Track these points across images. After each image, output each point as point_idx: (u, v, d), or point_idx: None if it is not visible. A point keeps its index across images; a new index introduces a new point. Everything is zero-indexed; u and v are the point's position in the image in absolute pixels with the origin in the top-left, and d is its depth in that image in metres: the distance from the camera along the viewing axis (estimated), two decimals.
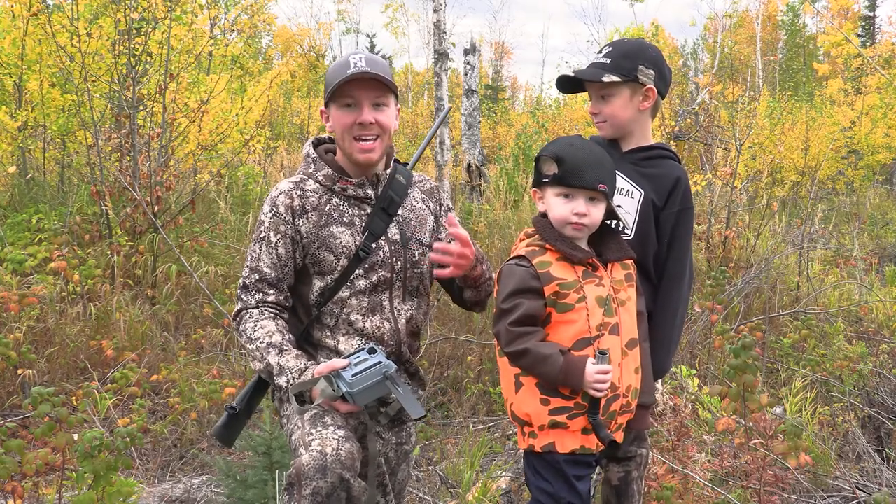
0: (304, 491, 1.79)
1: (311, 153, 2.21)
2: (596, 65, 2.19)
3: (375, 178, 2.17)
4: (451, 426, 4.38)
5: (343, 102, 2.10)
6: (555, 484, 1.98)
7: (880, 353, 4.80)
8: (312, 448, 1.85)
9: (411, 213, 2.22)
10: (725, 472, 3.18)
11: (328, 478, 1.80)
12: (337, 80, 2.07)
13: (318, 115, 13.98)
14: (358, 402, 1.91)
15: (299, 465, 1.83)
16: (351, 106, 2.09)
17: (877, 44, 24.91)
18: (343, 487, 1.82)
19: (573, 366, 1.89)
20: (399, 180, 2.21)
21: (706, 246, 6.67)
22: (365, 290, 2.12)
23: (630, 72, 2.15)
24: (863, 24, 28.67)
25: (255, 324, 2.09)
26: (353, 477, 1.85)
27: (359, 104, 2.09)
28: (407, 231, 2.19)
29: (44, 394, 2.85)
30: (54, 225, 5.81)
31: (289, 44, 29.98)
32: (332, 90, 2.09)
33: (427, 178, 2.36)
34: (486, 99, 24.58)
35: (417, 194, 2.28)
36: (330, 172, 2.15)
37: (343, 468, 1.82)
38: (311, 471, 1.80)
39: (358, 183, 2.15)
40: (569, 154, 1.97)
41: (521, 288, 1.95)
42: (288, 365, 2.01)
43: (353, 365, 1.93)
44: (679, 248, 2.20)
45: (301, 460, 1.84)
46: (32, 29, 6.25)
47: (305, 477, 1.80)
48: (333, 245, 2.10)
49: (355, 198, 2.15)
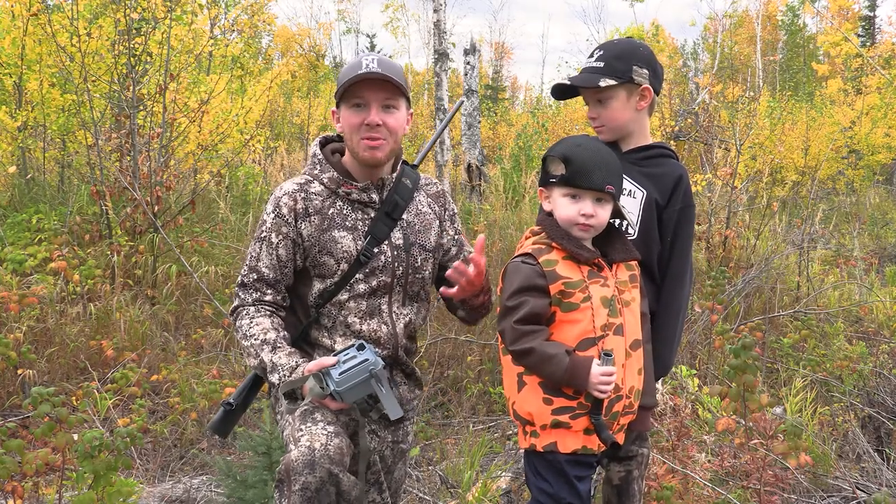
0: (294, 486, 1.80)
1: (318, 154, 2.20)
2: (589, 70, 2.17)
3: (381, 183, 2.16)
4: (451, 426, 4.38)
5: (352, 102, 2.08)
6: (555, 484, 1.98)
7: (880, 353, 4.80)
8: (301, 444, 1.86)
9: (416, 218, 2.21)
10: (725, 472, 3.18)
11: (316, 472, 1.81)
12: (347, 81, 2.06)
13: (317, 115, 14.02)
14: (346, 400, 1.93)
15: (288, 461, 1.84)
16: (360, 106, 2.08)
17: (877, 44, 24.92)
18: (332, 482, 1.83)
19: (578, 366, 1.89)
20: (405, 184, 2.20)
21: (706, 246, 6.66)
22: (364, 293, 2.12)
23: (625, 73, 2.14)
24: (863, 24, 28.68)
25: (251, 321, 2.10)
26: (342, 472, 1.85)
27: (367, 105, 2.07)
28: (410, 236, 2.18)
29: (44, 394, 2.85)
30: (54, 225, 5.81)
31: (289, 44, 29.98)
32: (341, 90, 2.08)
33: (434, 182, 2.35)
34: (486, 99, 24.59)
35: (423, 198, 2.27)
36: (335, 175, 2.14)
37: (331, 463, 1.83)
38: (299, 466, 1.81)
39: (362, 187, 2.14)
40: (576, 155, 1.96)
41: (527, 286, 1.95)
42: (280, 362, 2.02)
43: (342, 362, 1.93)
44: (681, 246, 2.21)
45: (290, 456, 1.85)
46: (32, 29, 6.25)
47: (294, 472, 1.81)
48: (334, 249, 2.10)
49: (359, 202, 2.14)
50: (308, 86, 20.58)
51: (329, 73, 24.60)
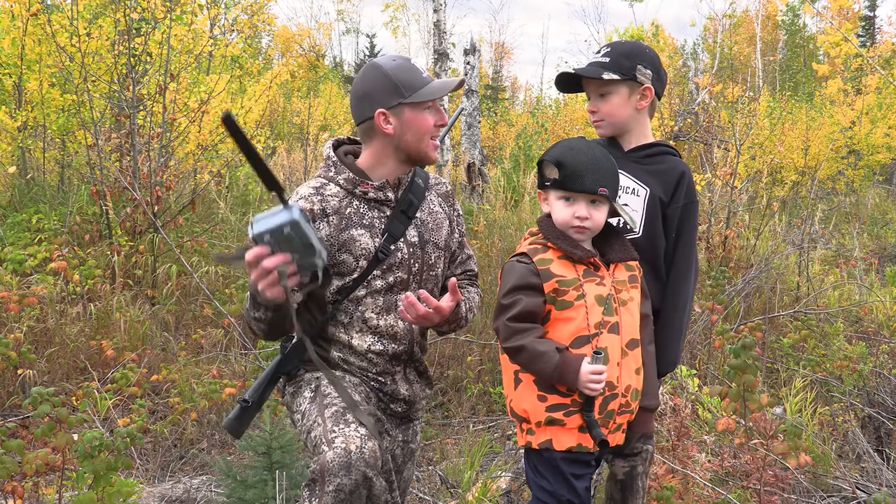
0: (328, 487, 1.80)
1: (332, 156, 2.22)
2: (595, 63, 2.21)
3: (396, 182, 2.19)
4: (451, 426, 4.38)
5: (426, 105, 2.14)
6: (554, 482, 1.98)
7: (880, 353, 4.80)
8: (336, 445, 1.86)
9: (429, 217, 2.25)
10: (725, 472, 3.18)
11: (352, 475, 1.81)
12: (429, 85, 2.11)
13: (317, 116, 13.99)
14: (256, 229, 1.79)
15: (323, 462, 1.83)
16: (431, 108, 2.15)
17: (877, 44, 24.92)
18: (365, 486, 1.83)
19: (568, 364, 1.90)
20: (418, 183, 2.24)
21: (706, 246, 6.67)
22: (381, 289, 2.14)
23: (629, 70, 2.18)
24: (863, 24, 28.70)
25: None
26: (376, 475, 1.86)
27: (434, 107, 2.16)
28: (425, 234, 2.22)
29: (44, 394, 2.85)
30: (54, 225, 5.81)
31: (289, 44, 29.97)
32: (431, 96, 2.11)
33: (444, 182, 2.39)
34: (486, 99, 24.61)
35: (434, 197, 2.31)
36: (351, 176, 2.16)
37: (367, 466, 1.84)
38: (335, 467, 1.81)
39: (379, 186, 2.16)
40: (569, 158, 1.98)
41: (521, 284, 1.97)
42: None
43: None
44: (685, 241, 2.23)
45: (325, 457, 1.84)
46: (32, 29, 6.25)
47: (330, 473, 1.81)
48: (353, 247, 2.12)
49: (375, 200, 2.17)
50: (308, 86, 20.57)
51: (329, 73, 24.61)
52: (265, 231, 1.77)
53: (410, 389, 2.23)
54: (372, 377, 2.17)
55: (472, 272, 2.39)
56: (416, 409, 2.29)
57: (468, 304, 2.27)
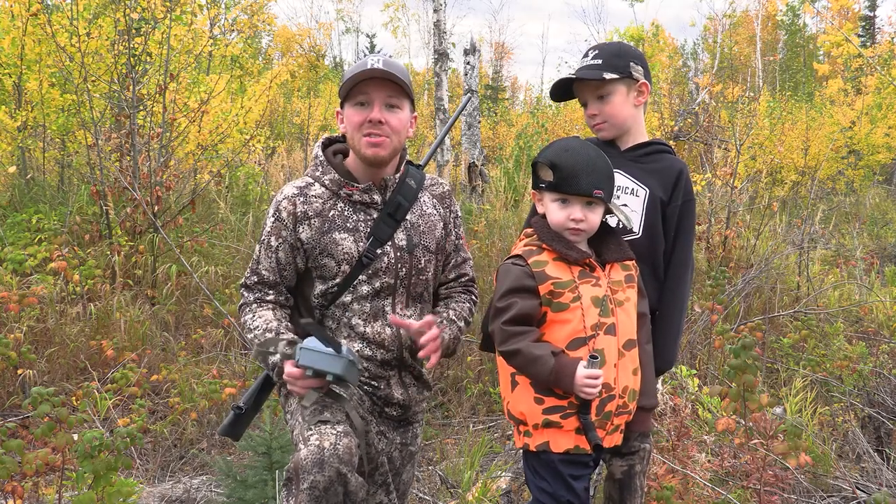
0: (302, 485, 1.80)
1: (320, 155, 2.20)
2: (590, 66, 2.20)
3: (383, 183, 2.15)
4: (451, 426, 4.38)
5: (356, 101, 2.08)
6: (553, 483, 1.98)
7: (880, 353, 4.80)
8: (311, 443, 1.86)
9: (420, 219, 2.19)
10: (725, 472, 3.18)
11: (325, 472, 1.81)
12: (351, 79, 2.06)
13: (317, 116, 14.01)
14: (301, 361, 1.92)
15: (297, 460, 1.84)
16: (363, 105, 2.07)
17: (877, 44, 24.90)
18: (340, 482, 1.83)
19: (564, 368, 1.90)
20: (409, 184, 2.19)
21: (706, 246, 6.66)
22: (367, 295, 2.11)
23: (624, 68, 2.18)
24: (863, 24, 28.70)
25: (254, 315, 2.13)
26: (351, 472, 1.85)
27: (371, 103, 2.07)
28: (414, 237, 2.16)
29: (44, 394, 2.85)
30: (54, 225, 5.81)
31: (289, 44, 29.97)
32: (346, 88, 2.08)
33: (441, 182, 2.33)
34: (486, 99, 24.61)
35: (428, 199, 2.25)
36: (336, 177, 2.13)
37: (340, 462, 1.83)
38: (308, 465, 1.81)
39: (364, 188, 2.13)
40: (563, 160, 1.97)
41: (516, 287, 1.96)
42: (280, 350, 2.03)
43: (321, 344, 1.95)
44: (684, 239, 2.23)
45: (299, 454, 1.85)
46: (32, 29, 6.25)
47: (303, 471, 1.81)
48: (335, 251, 2.09)
49: (361, 203, 2.13)
50: (308, 86, 20.57)
51: (329, 73, 24.61)
52: (310, 367, 1.91)
53: (406, 393, 2.21)
54: (364, 381, 2.15)
55: (466, 276, 2.33)
56: (413, 412, 2.26)
57: (456, 324, 2.21)
